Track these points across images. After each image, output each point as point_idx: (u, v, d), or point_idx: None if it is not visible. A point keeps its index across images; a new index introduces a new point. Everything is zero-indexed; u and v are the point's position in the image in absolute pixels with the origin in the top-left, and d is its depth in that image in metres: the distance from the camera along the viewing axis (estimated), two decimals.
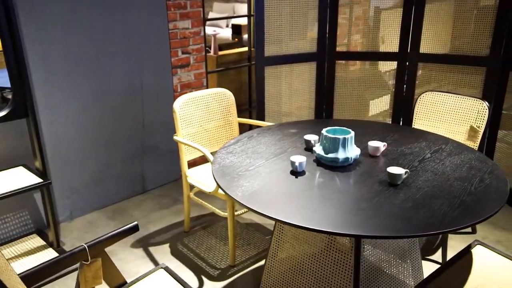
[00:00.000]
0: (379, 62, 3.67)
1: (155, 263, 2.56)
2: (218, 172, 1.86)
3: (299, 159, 1.85)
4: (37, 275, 1.27)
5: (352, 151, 1.90)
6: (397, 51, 3.51)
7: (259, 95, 3.57)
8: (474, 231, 2.81)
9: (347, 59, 3.72)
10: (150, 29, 3.14)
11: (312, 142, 2.09)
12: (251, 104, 4.29)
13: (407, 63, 3.51)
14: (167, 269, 1.70)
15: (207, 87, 3.65)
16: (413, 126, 2.82)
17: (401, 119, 3.64)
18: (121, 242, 2.77)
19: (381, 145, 2.01)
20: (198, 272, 2.48)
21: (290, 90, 3.74)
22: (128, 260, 2.59)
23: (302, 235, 2.02)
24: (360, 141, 2.17)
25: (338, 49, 3.77)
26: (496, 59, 3.12)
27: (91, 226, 2.95)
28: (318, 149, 1.94)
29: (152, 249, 2.70)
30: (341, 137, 1.87)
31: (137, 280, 1.65)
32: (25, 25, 2.54)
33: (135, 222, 1.61)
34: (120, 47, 3.01)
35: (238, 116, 2.92)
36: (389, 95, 3.74)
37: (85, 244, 1.47)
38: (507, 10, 2.99)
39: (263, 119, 3.66)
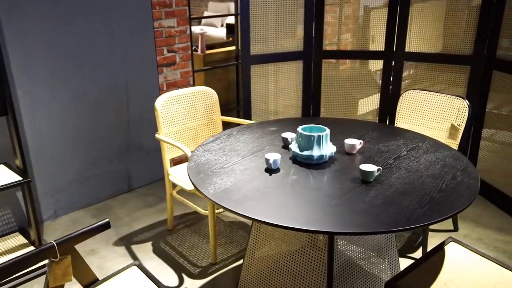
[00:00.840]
0: (370, 61, 3.67)
1: (137, 261, 2.56)
2: (193, 170, 1.87)
3: (274, 156, 1.86)
4: (2, 272, 1.27)
5: (327, 149, 1.91)
6: (383, 50, 3.52)
7: (245, 93, 3.58)
8: (456, 229, 2.82)
9: (334, 58, 3.73)
10: (134, 27, 3.15)
11: (289, 139, 2.10)
12: (239, 103, 4.29)
13: (393, 62, 3.52)
14: (140, 267, 1.71)
15: (193, 86, 3.65)
16: (395, 125, 2.83)
17: (388, 117, 3.66)
18: (103, 240, 2.77)
19: (357, 143, 2.02)
20: (179, 270, 2.48)
21: (277, 88, 3.74)
22: (109, 258, 2.59)
23: (278, 233, 2.02)
24: (339, 139, 2.18)
25: (327, 47, 3.78)
26: (480, 58, 3.14)
27: (74, 224, 2.96)
28: (294, 146, 1.95)
29: (134, 247, 2.70)
30: (315, 134, 1.87)
31: (109, 277, 1.65)
32: (6, 23, 2.54)
33: (106, 220, 1.62)
34: (104, 45, 3.01)
35: (227, 115, 2.93)
36: (379, 94, 3.74)
37: (54, 241, 1.47)
38: (490, 8, 3.00)
39: (249, 118, 3.67)
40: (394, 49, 3.48)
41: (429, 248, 2.53)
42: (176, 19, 3.40)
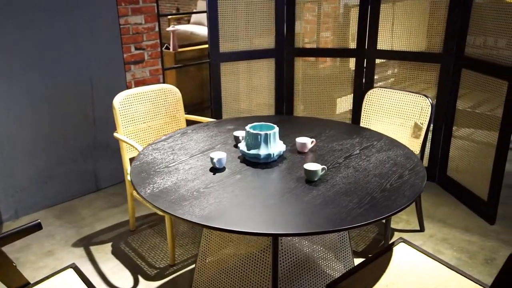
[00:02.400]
0: (350, 59, 3.61)
1: (93, 262, 2.52)
2: (136, 169, 1.82)
3: (219, 155, 1.81)
4: None
5: (275, 148, 1.86)
6: (355, 47, 3.48)
7: (215, 92, 3.53)
8: (422, 229, 2.78)
9: (306, 56, 3.69)
10: (98, 24, 3.09)
11: (240, 138, 2.05)
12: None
13: (365, 60, 3.48)
14: (76, 269, 1.66)
15: (163, 84, 3.60)
16: (361, 123, 2.79)
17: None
18: (63, 241, 2.72)
19: (308, 142, 1.98)
20: (136, 271, 2.43)
21: (249, 87, 3.70)
22: (65, 259, 2.54)
23: (227, 235, 1.98)
24: (294, 137, 2.13)
25: (306, 45, 3.74)
26: (449, 56, 3.10)
27: None
28: (242, 145, 1.90)
29: (93, 248, 2.65)
30: (262, 133, 1.83)
31: (42, 280, 1.60)
32: None
33: (38, 220, 1.57)
34: (65, 42, 2.95)
35: (200, 113, 2.88)
36: None
37: None
38: (458, 5, 2.96)
39: (220, 117, 3.62)
40: (366, 47, 3.44)
41: None
42: (144, 16, 3.34)
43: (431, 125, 3.26)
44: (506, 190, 3.30)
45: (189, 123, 2.79)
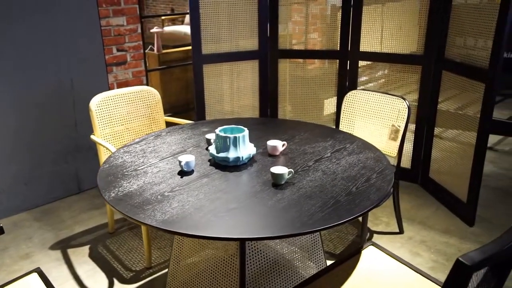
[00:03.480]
0: (338, 61, 3.60)
1: (70, 265, 2.51)
2: (104, 172, 1.81)
3: (187, 158, 1.80)
4: None
5: (245, 151, 1.86)
6: (338, 49, 3.48)
7: (198, 93, 3.52)
8: (401, 231, 2.77)
9: (290, 57, 3.68)
10: (78, 25, 3.08)
11: (212, 141, 2.04)
12: None
13: (348, 62, 3.48)
14: (40, 274, 1.64)
15: (147, 85, 3.59)
16: (340, 125, 2.79)
17: None
18: (40, 244, 2.71)
19: (279, 144, 1.97)
20: (111, 274, 2.42)
21: (233, 88, 3.69)
22: (41, 262, 2.52)
23: (197, 239, 1.97)
24: (268, 140, 2.12)
25: (294, 47, 3.73)
26: (430, 58, 3.10)
27: (14, 227, 2.89)
28: (212, 148, 1.89)
29: (70, 251, 2.64)
30: (231, 136, 1.82)
31: (4, 285, 1.59)
32: None
33: (0, 225, 1.55)
34: (45, 43, 2.94)
35: (186, 115, 2.87)
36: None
37: None
38: (438, 7, 2.96)
39: (203, 118, 3.61)
40: (349, 49, 3.44)
41: None
42: (126, 18, 3.34)
43: (410, 126, 3.28)
44: (487, 192, 3.30)
45: (170, 125, 2.78)
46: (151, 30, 4.08)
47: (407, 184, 3.42)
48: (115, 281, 2.37)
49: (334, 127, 3.70)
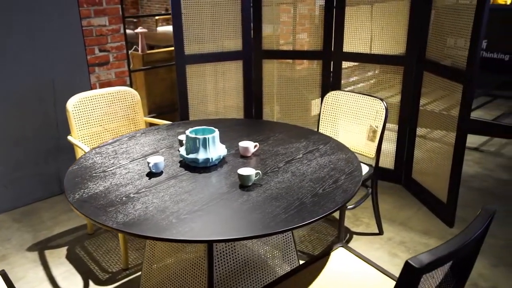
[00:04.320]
0: (321, 61, 3.60)
1: (46, 267, 2.49)
2: (72, 174, 1.80)
3: (155, 159, 1.79)
4: None
5: (215, 152, 1.85)
6: (321, 49, 3.48)
7: (181, 94, 3.51)
8: (381, 232, 2.77)
9: (273, 58, 3.68)
10: (59, 25, 3.06)
11: (184, 142, 2.03)
12: None
13: (332, 62, 3.47)
14: (4, 276, 1.63)
15: (130, 86, 3.58)
16: (319, 125, 2.78)
17: None
18: (18, 245, 2.69)
19: (251, 146, 1.96)
20: (87, 276, 2.41)
21: (216, 89, 3.68)
22: (18, 264, 2.51)
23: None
24: (241, 141, 2.12)
25: (282, 47, 3.72)
26: (411, 59, 3.10)
27: None
28: (182, 149, 1.89)
29: (48, 252, 2.62)
30: (201, 137, 1.81)
31: None
32: None
33: None
34: (25, 43, 2.93)
35: (170, 115, 2.85)
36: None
37: None
38: (419, 8, 2.96)
39: (187, 119, 3.60)
40: (332, 49, 3.44)
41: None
42: (108, 18, 3.32)
43: (393, 127, 3.28)
44: (471, 193, 3.30)
45: (153, 126, 2.77)
46: (136, 31, 4.07)
47: (390, 185, 3.42)
48: (91, 282, 2.36)
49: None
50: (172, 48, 4.06)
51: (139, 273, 2.42)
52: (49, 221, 2.96)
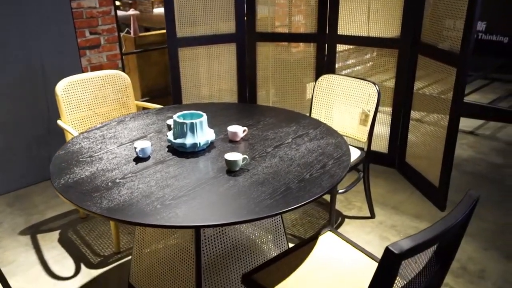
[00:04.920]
0: (315, 44, 3.56)
1: (38, 251, 2.50)
2: (58, 159, 1.78)
3: (142, 144, 1.78)
4: None
5: (202, 137, 1.83)
6: (316, 32, 3.43)
7: (174, 77, 3.48)
8: (372, 216, 2.78)
9: (267, 41, 3.63)
10: (47, 7, 3.01)
11: (172, 126, 2.01)
12: None
13: (326, 45, 3.43)
14: None
15: (123, 69, 3.54)
16: (312, 110, 2.76)
17: None
18: (10, 229, 2.70)
19: (239, 130, 1.95)
20: (79, 259, 2.42)
21: (210, 72, 3.64)
22: (9, 247, 2.52)
23: None
24: (230, 126, 2.10)
25: (278, 29, 3.67)
26: (406, 41, 3.06)
27: None
28: (170, 134, 1.87)
29: (40, 236, 2.63)
30: (188, 122, 1.80)
31: None
32: None
33: None
34: (12, 26, 2.88)
35: (164, 99, 2.81)
36: None
37: None
38: None
39: (180, 103, 3.58)
40: (327, 32, 3.39)
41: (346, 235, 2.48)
42: (98, 0, 3.27)
43: (387, 110, 3.25)
44: (464, 176, 3.30)
45: (145, 110, 2.75)
46: (128, 12, 4.00)
47: (384, 169, 3.41)
48: (82, 266, 2.37)
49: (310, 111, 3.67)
50: (164, 31, 4.01)
51: (131, 256, 2.43)
52: (42, 205, 2.97)
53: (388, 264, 1.04)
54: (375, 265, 1.63)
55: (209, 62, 3.61)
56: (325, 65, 3.48)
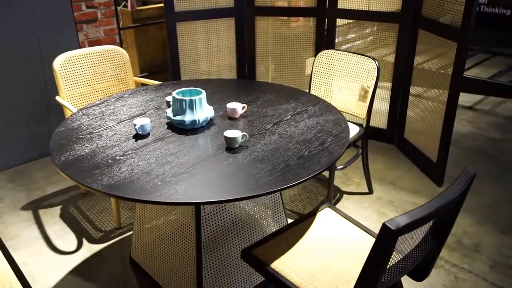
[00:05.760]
0: (315, 18, 3.51)
1: (40, 225, 2.54)
2: (58, 135, 1.79)
3: (142, 121, 1.78)
4: None
5: (202, 114, 1.83)
6: (316, 6, 3.38)
7: (172, 53, 3.44)
8: (370, 191, 2.81)
9: (266, 15, 3.58)
10: None
11: (171, 103, 2.01)
12: None
13: (326, 19, 3.39)
14: None
15: (120, 44, 3.50)
16: (311, 86, 2.75)
17: None
18: (12, 204, 2.73)
19: (239, 107, 1.94)
20: (81, 235, 2.46)
21: (208, 48, 3.61)
22: (11, 222, 2.55)
23: None
24: (229, 102, 2.10)
25: (278, 3, 3.61)
26: (407, 16, 3.02)
27: None
28: (169, 111, 1.87)
29: (41, 211, 2.66)
30: (187, 98, 1.79)
31: None
32: None
33: None
34: (5, 1, 2.83)
35: (163, 75, 2.79)
36: None
37: None
38: None
39: (179, 78, 3.56)
40: (327, 6, 3.34)
41: (344, 210, 2.51)
42: None
43: (387, 85, 3.24)
44: (461, 151, 3.32)
45: (143, 86, 2.74)
46: None
47: (382, 145, 3.43)
48: (84, 241, 2.41)
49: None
50: (162, 5, 3.94)
51: (132, 232, 2.47)
52: (42, 181, 2.99)
53: (385, 240, 1.06)
54: (372, 240, 1.66)
55: (208, 37, 3.57)
56: (324, 40, 3.44)
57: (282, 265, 1.53)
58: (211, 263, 1.79)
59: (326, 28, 3.41)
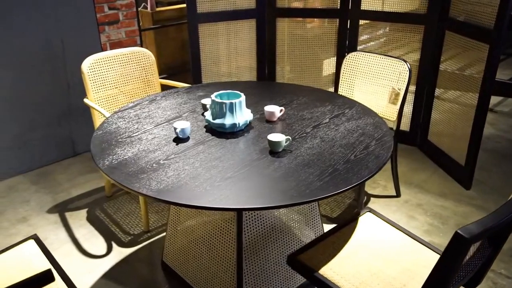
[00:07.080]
0: (337, 19, 3.48)
1: (67, 228, 2.52)
2: (97, 139, 1.77)
3: (182, 125, 1.76)
4: None
5: (241, 117, 1.81)
6: (338, 7, 3.36)
7: (194, 54, 3.42)
8: (398, 195, 2.78)
9: (288, 16, 3.56)
10: None
11: (208, 106, 1.99)
12: None
13: (349, 21, 3.36)
14: (37, 241, 1.64)
15: (141, 46, 3.49)
16: (339, 88, 2.73)
17: None
18: (38, 207, 2.71)
19: (277, 110, 1.92)
20: (109, 238, 2.44)
21: (229, 49, 3.59)
22: (39, 225, 2.53)
23: None
24: (265, 105, 2.08)
25: (295, 4, 3.59)
26: (433, 17, 2.99)
27: (10, 190, 2.88)
28: (208, 114, 1.85)
29: (68, 214, 2.64)
30: (227, 102, 1.77)
31: (1, 252, 1.59)
32: None
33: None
34: (31, 3, 2.82)
35: (182, 76, 2.77)
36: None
37: None
38: None
39: (200, 80, 3.54)
40: (350, 7, 3.32)
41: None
42: None
43: (410, 88, 3.22)
44: (484, 154, 3.29)
45: (165, 88, 2.72)
46: None
47: (405, 147, 3.40)
48: (113, 244, 2.39)
49: (333, 88, 3.63)
50: (182, 6, 3.93)
51: (161, 235, 2.45)
52: (66, 183, 2.97)
53: (457, 248, 1.04)
54: (417, 245, 1.64)
55: (229, 38, 3.55)
56: (347, 41, 3.41)
57: (330, 271, 1.51)
58: (251, 268, 1.77)
59: (348, 29, 3.39)
